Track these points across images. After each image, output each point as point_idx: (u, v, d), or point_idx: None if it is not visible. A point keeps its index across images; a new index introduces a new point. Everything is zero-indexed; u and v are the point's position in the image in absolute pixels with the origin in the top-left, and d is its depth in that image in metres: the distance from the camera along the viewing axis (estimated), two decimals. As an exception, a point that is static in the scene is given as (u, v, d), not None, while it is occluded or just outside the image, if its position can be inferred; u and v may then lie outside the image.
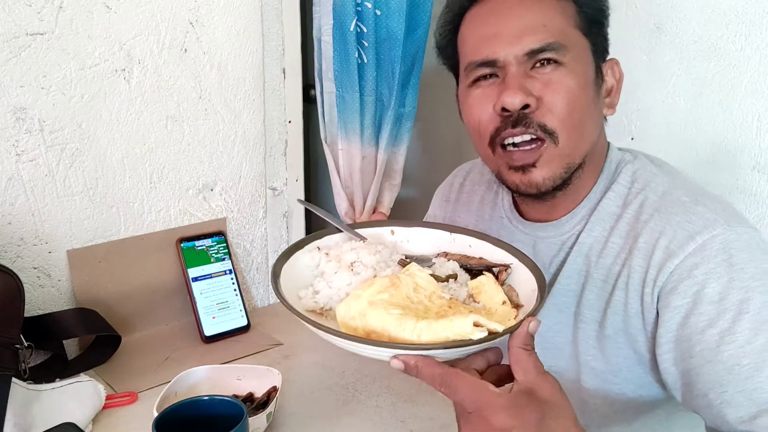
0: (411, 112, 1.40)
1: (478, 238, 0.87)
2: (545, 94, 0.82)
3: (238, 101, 1.30)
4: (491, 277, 0.79)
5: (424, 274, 0.76)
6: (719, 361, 0.74)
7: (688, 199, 0.83)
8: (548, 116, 0.83)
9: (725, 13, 1.14)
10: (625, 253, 0.85)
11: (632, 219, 0.86)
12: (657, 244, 0.81)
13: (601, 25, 0.88)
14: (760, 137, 1.13)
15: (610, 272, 0.86)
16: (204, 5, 1.21)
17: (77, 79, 1.10)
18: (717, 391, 0.74)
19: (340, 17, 1.29)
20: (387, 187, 1.45)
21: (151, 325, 1.24)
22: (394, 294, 0.71)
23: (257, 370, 1.00)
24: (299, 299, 0.77)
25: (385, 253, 0.82)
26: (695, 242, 0.78)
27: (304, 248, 0.85)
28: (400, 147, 1.43)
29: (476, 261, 0.85)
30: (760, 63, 1.11)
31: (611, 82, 0.90)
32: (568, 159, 0.85)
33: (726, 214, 0.81)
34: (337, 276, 0.79)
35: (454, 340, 0.65)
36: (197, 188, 1.28)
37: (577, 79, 0.83)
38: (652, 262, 0.81)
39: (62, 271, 1.14)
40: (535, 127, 0.83)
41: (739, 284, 0.75)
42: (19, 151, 1.06)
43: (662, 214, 0.83)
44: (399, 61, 1.32)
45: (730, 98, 1.15)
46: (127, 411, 0.99)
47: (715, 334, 0.75)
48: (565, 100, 0.82)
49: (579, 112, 0.84)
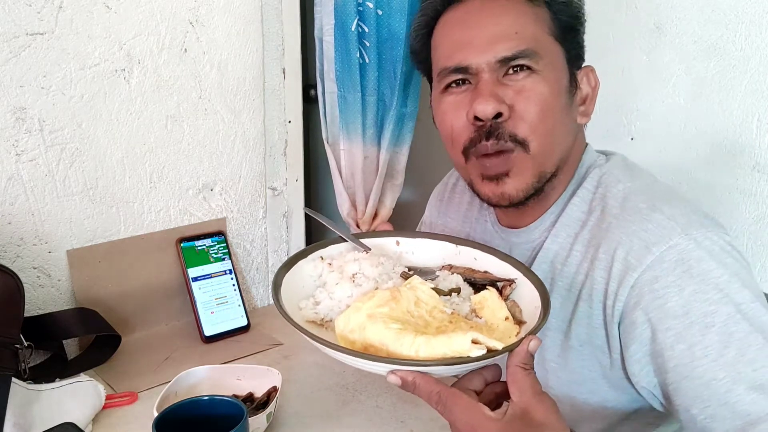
0: (413, 112, 1.40)
1: (484, 251, 0.86)
2: (517, 101, 0.82)
3: (238, 101, 1.30)
4: (494, 292, 0.78)
5: (426, 287, 0.75)
6: (696, 377, 0.73)
7: (645, 206, 0.81)
8: (520, 125, 0.82)
9: (725, 13, 1.14)
10: (587, 263, 0.84)
11: (594, 227, 0.85)
12: (615, 255, 0.80)
13: (576, 32, 0.87)
14: (760, 137, 1.13)
15: (574, 281, 0.85)
16: (204, 5, 1.21)
17: (77, 79, 1.09)
18: (699, 407, 0.73)
19: (341, 17, 1.29)
20: (389, 187, 1.45)
21: (151, 325, 1.24)
22: (394, 308, 0.70)
23: (257, 370, 0.99)
24: (299, 309, 0.77)
25: (387, 265, 0.82)
26: (652, 254, 0.77)
27: (307, 257, 0.84)
28: (402, 147, 1.43)
29: (481, 275, 0.83)
30: (760, 63, 1.11)
31: (586, 90, 0.89)
32: (541, 167, 0.84)
33: (684, 220, 0.78)
34: (338, 287, 0.78)
35: (452, 357, 0.64)
36: (197, 188, 1.28)
37: (550, 86, 0.82)
38: (612, 274, 0.80)
39: (62, 271, 1.14)
40: (506, 138, 0.82)
41: (701, 296, 0.74)
42: (19, 151, 1.06)
43: (620, 221, 0.81)
44: (401, 61, 1.32)
45: (730, 98, 1.15)
46: (127, 411, 0.99)
47: (686, 350, 0.74)
48: (537, 108, 0.82)
49: (551, 119, 0.83)
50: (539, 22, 0.83)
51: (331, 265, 0.83)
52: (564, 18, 0.85)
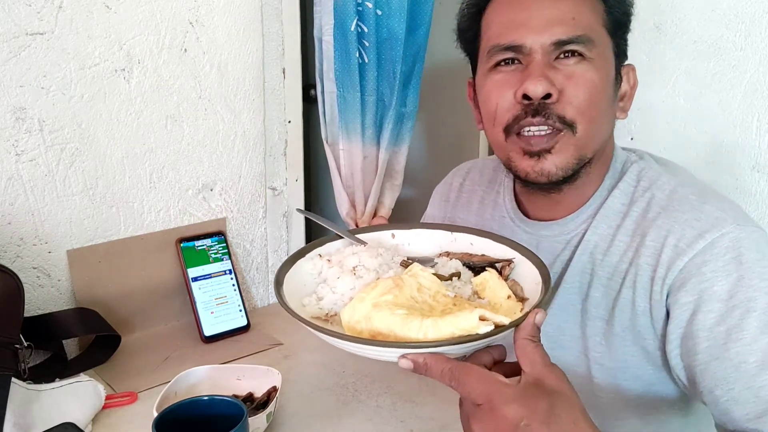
0: (412, 111, 1.40)
1: (480, 236, 0.87)
2: (567, 86, 0.83)
3: (238, 101, 1.30)
4: (494, 272, 0.79)
5: (427, 273, 0.76)
6: (726, 358, 0.75)
7: (696, 198, 0.83)
8: (568, 108, 0.83)
9: (725, 13, 1.14)
10: (632, 252, 0.85)
11: (639, 217, 0.86)
12: (665, 242, 0.81)
13: (625, 28, 0.88)
14: (760, 137, 1.13)
15: (617, 270, 0.86)
16: (204, 5, 1.21)
17: (77, 78, 1.09)
18: (724, 388, 0.75)
19: (341, 17, 1.29)
20: (388, 187, 1.45)
21: (151, 325, 1.24)
22: (398, 295, 0.71)
23: (257, 370, 0.99)
24: (303, 307, 0.77)
25: (386, 256, 0.82)
26: (705, 240, 0.78)
27: (305, 256, 0.84)
28: (402, 147, 1.43)
29: (479, 258, 0.85)
30: (760, 63, 1.11)
31: (626, 87, 0.91)
32: (582, 150, 0.85)
33: (734, 213, 0.81)
34: (340, 281, 0.78)
35: (461, 336, 0.65)
36: (197, 188, 1.28)
37: (599, 74, 0.84)
38: (661, 261, 0.81)
39: (62, 271, 1.14)
40: (554, 118, 0.83)
41: (747, 282, 0.76)
42: (19, 151, 1.06)
43: (670, 212, 0.83)
44: (400, 61, 1.32)
45: (730, 98, 1.15)
46: (127, 411, 0.99)
47: (723, 332, 0.75)
48: (586, 93, 0.83)
49: (598, 106, 0.84)
50: (595, 13, 0.84)
51: (330, 261, 0.83)
52: (617, 13, 0.86)
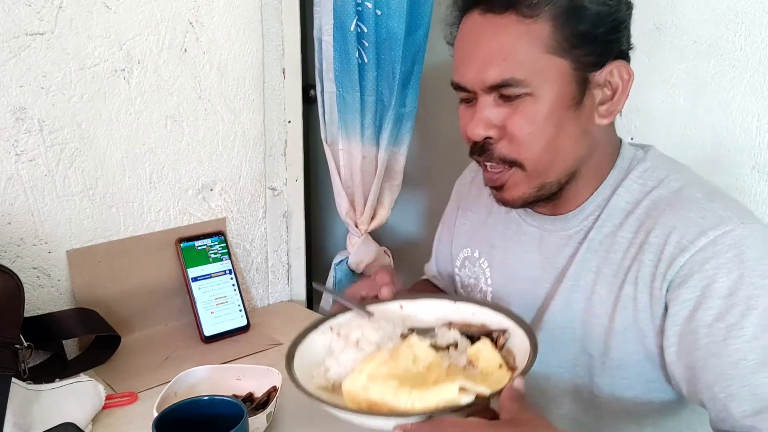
0: (411, 111, 1.40)
1: (480, 306, 0.92)
2: (509, 122, 0.83)
3: (238, 101, 1.30)
4: (488, 342, 0.83)
5: (423, 345, 0.81)
6: (725, 355, 0.75)
7: (702, 196, 0.83)
8: (509, 147, 0.84)
9: (725, 13, 1.14)
10: (635, 248, 0.85)
11: (643, 215, 0.86)
12: (669, 239, 0.81)
13: (592, 37, 0.82)
14: (760, 137, 1.13)
15: (620, 267, 0.87)
16: (204, 5, 1.21)
17: (77, 79, 1.09)
18: (722, 385, 0.75)
19: (340, 17, 1.29)
20: (387, 187, 1.45)
21: (151, 325, 1.24)
22: (392, 366, 0.77)
23: (257, 370, 0.99)
24: (312, 377, 0.83)
25: (388, 329, 0.88)
26: (707, 237, 0.78)
27: (318, 328, 0.91)
28: (401, 147, 1.43)
29: (477, 328, 0.89)
30: (760, 63, 1.11)
31: (616, 84, 0.86)
32: (539, 179, 0.86)
33: (740, 212, 0.81)
34: (344, 353, 0.85)
35: (444, 406, 0.70)
36: (197, 188, 1.28)
37: (547, 104, 0.82)
38: (663, 257, 0.81)
39: (62, 271, 1.14)
40: (497, 159, 0.86)
41: (748, 281, 0.75)
42: (19, 151, 1.06)
43: (675, 209, 0.83)
44: (399, 61, 1.31)
45: (730, 98, 1.15)
46: (127, 411, 0.99)
47: (722, 328, 0.75)
48: (529, 128, 0.82)
49: (545, 138, 0.83)
50: (534, 41, 0.80)
51: (339, 335, 0.89)
52: (574, 28, 0.80)
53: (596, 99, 0.85)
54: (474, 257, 1.07)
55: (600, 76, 0.84)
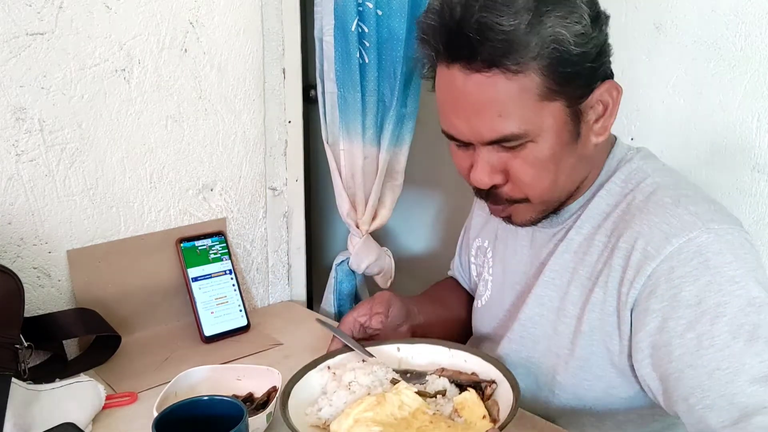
0: (413, 112, 1.40)
1: (472, 354, 0.96)
2: (512, 167, 0.84)
3: (238, 101, 1.30)
4: (474, 393, 0.87)
5: (411, 391, 0.86)
6: (699, 365, 0.74)
7: (670, 200, 0.83)
8: (516, 190, 0.86)
9: (725, 13, 1.14)
10: (608, 252, 0.86)
11: (618, 218, 0.87)
12: (635, 245, 0.81)
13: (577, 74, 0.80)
14: (760, 137, 1.13)
15: (594, 270, 0.87)
16: (204, 5, 1.21)
17: (77, 79, 1.10)
18: (698, 396, 0.74)
19: (341, 17, 1.29)
20: (389, 187, 1.45)
21: (151, 325, 1.24)
22: (378, 412, 0.81)
23: (257, 370, 0.99)
24: (305, 415, 0.88)
25: (380, 373, 0.92)
26: (671, 245, 0.78)
27: (316, 367, 0.96)
28: (402, 147, 1.43)
29: (467, 377, 0.93)
30: (760, 63, 1.11)
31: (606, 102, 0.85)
32: (545, 205, 0.89)
33: (707, 216, 0.80)
34: (336, 394, 0.89)
35: None
36: (197, 188, 1.28)
37: (548, 145, 0.82)
38: (630, 263, 0.81)
39: (62, 271, 1.14)
40: (504, 202, 0.87)
41: (716, 287, 0.75)
42: (19, 151, 1.06)
43: (643, 214, 0.83)
44: (401, 62, 1.31)
45: (730, 98, 1.15)
46: (127, 411, 0.99)
47: (694, 338, 0.75)
48: (533, 170, 0.83)
49: (549, 177, 0.84)
50: (525, 94, 0.78)
51: (335, 375, 0.94)
52: (559, 72, 0.78)
53: (590, 121, 0.85)
54: (484, 247, 1.10)
55: (591, 100, 0.84)
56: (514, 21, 0.75)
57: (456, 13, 0.77)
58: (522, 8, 0.75)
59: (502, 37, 0.75)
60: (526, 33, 0.75)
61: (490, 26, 0.75)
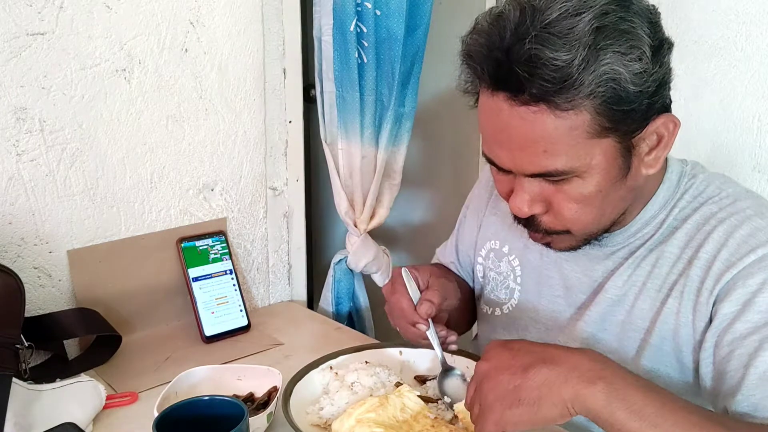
0: (411, 111, 1.40)
1: (474, 360, 0.95)
2: (555, 199, 0.80)
3: (239, 101, 1.30)
4: None
5: (413, 395, 0.86)
6: (752, 366, 0.75)
7: (753, 212, 0.83)
8: (557, 222, 0.82)
9: (725, 13, 1.14)
10: (683, 263, 0.85)
11: (692, 230, 0.85)
12: (718, 255, 0.81)
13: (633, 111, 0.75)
14: (760, 137, 1.13)
15: (665, 281, 0.86)
16: (204, 5, 1.21)
17: (78, 79, 1.10)
18: (745, 394, 0.75)
19: (340, 17, 1.29)
20: (387, 186, 1.45)
21: (152, 325, 1.24)
22: (380, 413, 0.81)
23: (258, 370, 1.00)
24: (306, 414, 0.89)
25: (383, 375, 0.93)
26: (756, 254, 0.79)
27: (318, 367, 0.97)
28: (400, 147, 1.43)
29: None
30: (760, 63, 1.11)
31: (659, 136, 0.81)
32: (586, 236, 0.86)
33: None
34: (338, 394, 0.90)
35: None
36: (198, 188, 1.28)
37: (593, 184, 0.78)
38: (711, 273, 0.81)
39: (62, 271, 1.14)
40: (543, 232, 0.84)
41: None
42: (20, 151, 1.06)
43: (725, 225, 0.83)
44: (399, 61, 1.31)
45: (730, 98, 1.16)
46: (128, 411, 0.99)
47: (756, 341, 0.76)
48: (577, 205, 0.80)
49: (593, 212, 0.81)
50: (574, 132, 0.73)
51: (337, 375, 0.95)
52: (614, 110, 0.73)
53: (642, 153, 0.80)
54: (502, 252, 1.05)
55: (645, 133, 0.79)
56: (568, 56, 0.69)
57: (506, 41, 0.72)
58: (579, 41, 0.70)
59: (554, 75, 0.70)
60: (580, 70, 0.70)
61: (542, 60, 0.70)
